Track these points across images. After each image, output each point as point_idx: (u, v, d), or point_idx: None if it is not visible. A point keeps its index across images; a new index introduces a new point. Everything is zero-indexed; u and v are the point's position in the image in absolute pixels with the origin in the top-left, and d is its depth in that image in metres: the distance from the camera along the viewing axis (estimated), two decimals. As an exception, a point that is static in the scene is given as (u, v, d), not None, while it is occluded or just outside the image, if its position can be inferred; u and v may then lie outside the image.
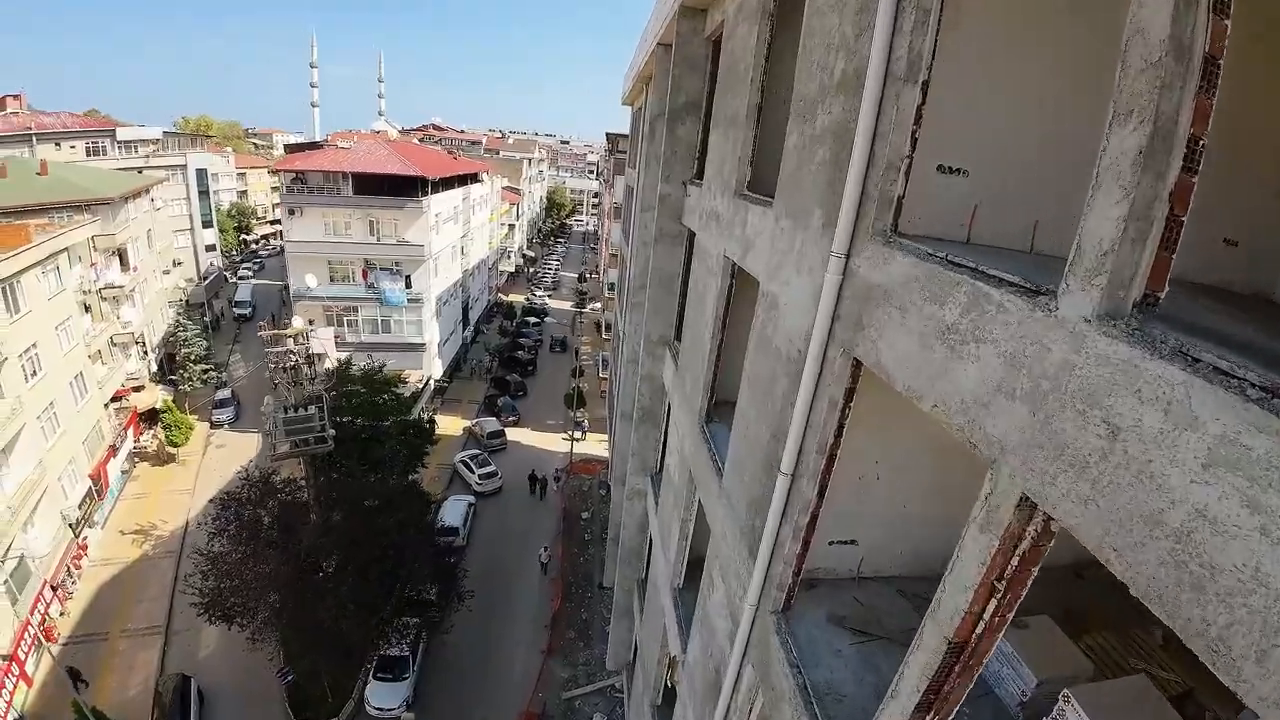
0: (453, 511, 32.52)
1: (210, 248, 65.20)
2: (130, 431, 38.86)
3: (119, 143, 55.25)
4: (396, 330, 39.10)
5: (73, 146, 52.85)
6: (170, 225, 60.31)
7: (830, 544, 6.33)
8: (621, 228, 31.43)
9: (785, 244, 6.16)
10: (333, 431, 23.83)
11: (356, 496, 23.38)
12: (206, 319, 59.03)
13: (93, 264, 36.35)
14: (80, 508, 30.98)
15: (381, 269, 38.39)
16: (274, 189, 78.11)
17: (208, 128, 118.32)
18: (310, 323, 26.97)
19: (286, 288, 48.18)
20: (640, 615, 16.99)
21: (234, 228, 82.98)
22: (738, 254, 8.21)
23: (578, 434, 41.71)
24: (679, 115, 13.25)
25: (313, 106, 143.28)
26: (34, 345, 27.47)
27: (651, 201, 15.50)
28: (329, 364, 39.06)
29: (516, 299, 78.16)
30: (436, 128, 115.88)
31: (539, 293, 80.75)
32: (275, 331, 24.66)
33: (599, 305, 75.01)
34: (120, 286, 38.80)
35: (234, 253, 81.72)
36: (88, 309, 36.71)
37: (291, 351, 24.37)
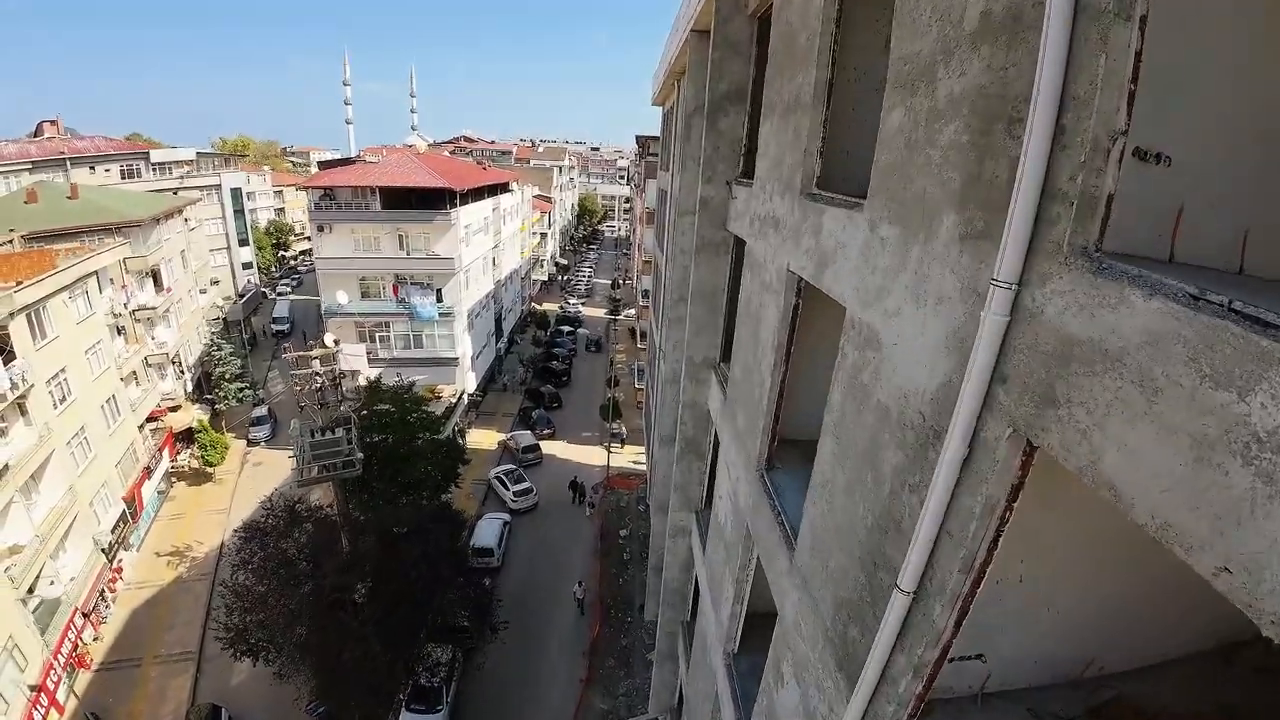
0: (487, 531, 31.38)
1: (247, 265, 65.82)
2: (166, 452, 38.83)
3: (153, 165, 56.06)
4: (429, 345, 38.25)
5: (107, 170, 53.67)
6: (207, 244, 61.09)
7: (950, 660, 4.67)
8: (655, 234, 29.91)
9: (890, 260, 4.51)
10: (361, 455, 22.88)
11: (386, 524, 22.31)
12: (244, 336, 59.63)
13: (124, 286, 36.31)
14: (114, 532, 30.67)
15: (412, 283, 37.62)
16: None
17: (245, 147, 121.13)
18: (336, 342, 26.02)
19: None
20: (686, 664, 15.36)
21: (272, 245, 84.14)
22: (809, 269, 6.57)
23: (615, 446, 40.27)
24: (720, 106, 11.64)
25: (347, 124, 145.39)
26: (63, 370, 27.16)
27: (689, 205, 13.91)
28: (361, 380, 38.76)
29: (550, 308, 77.36)
30: (468, 139, 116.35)
31: (572, 301, 79.80)
32: (301, 354, 23.84)
33: (633, 311, 73.76)
34: (153, 308, 38.82)
35: (272, 269, 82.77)
36: (120, 331, 36.73)
37: (317, 374, 23.53)
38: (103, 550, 29.55)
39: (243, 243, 65.13)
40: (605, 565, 31.86)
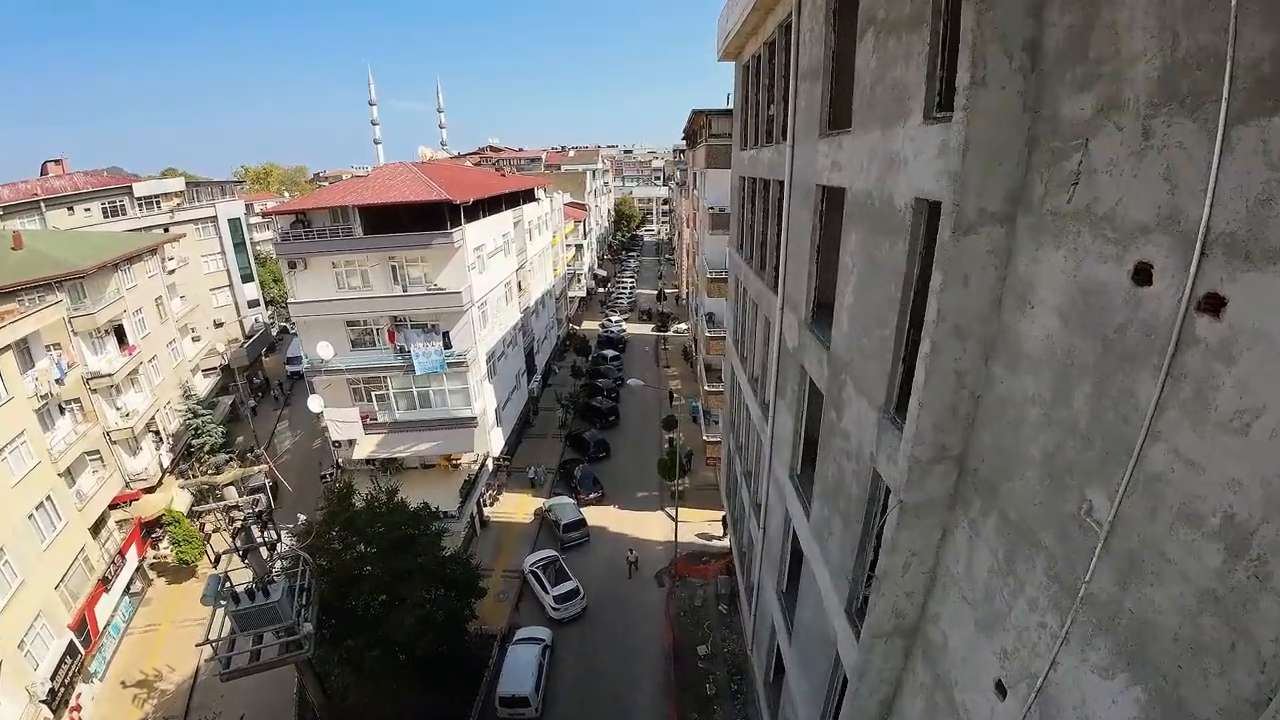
0: (520, 668, 22.77)
1: (254, 304, 59.37)
2: (134, 549, 31.66)
3: (138, 200, 49.73)
4: (439, 403, 30.09)
5: (88, 210, 47.66)
6: (206, 284, 54.96)
7: None
8: (731, 241, 21.02)
9: None
10: (310, 627, 14.92)
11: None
12: (251, 384, 52.95)
13: (57, 354, 29.17)
14: (56, 676, 23.46)
15: (412, 326, 29.54)
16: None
17: (268, 175, 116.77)
18: (256, 457, 18.12)
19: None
20: None
21: (287, 277, 77.93)
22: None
23: (675, 510, 31.30)
24: None
25: (375, 144, 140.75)
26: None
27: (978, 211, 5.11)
28: (359, 453, 30.85)
29: (591, 327, 69.08)
30: (494, 149, 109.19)
31: (614, 318, 71.31)
32: (204, 479, 15.99)
33: (684, 327, 64.80)
34: (108, 375, 31.74)
35: (287, 305, 76.54)
36: (66, 409, 29.69)
37: (234, 506, 15.56)
38: (44, 701, 22.45)
39: (246, 278, 58.72)
40: (682, 706, 23.03)
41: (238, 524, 15.02)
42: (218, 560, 20.80)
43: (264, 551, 15.11)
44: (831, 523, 9.83)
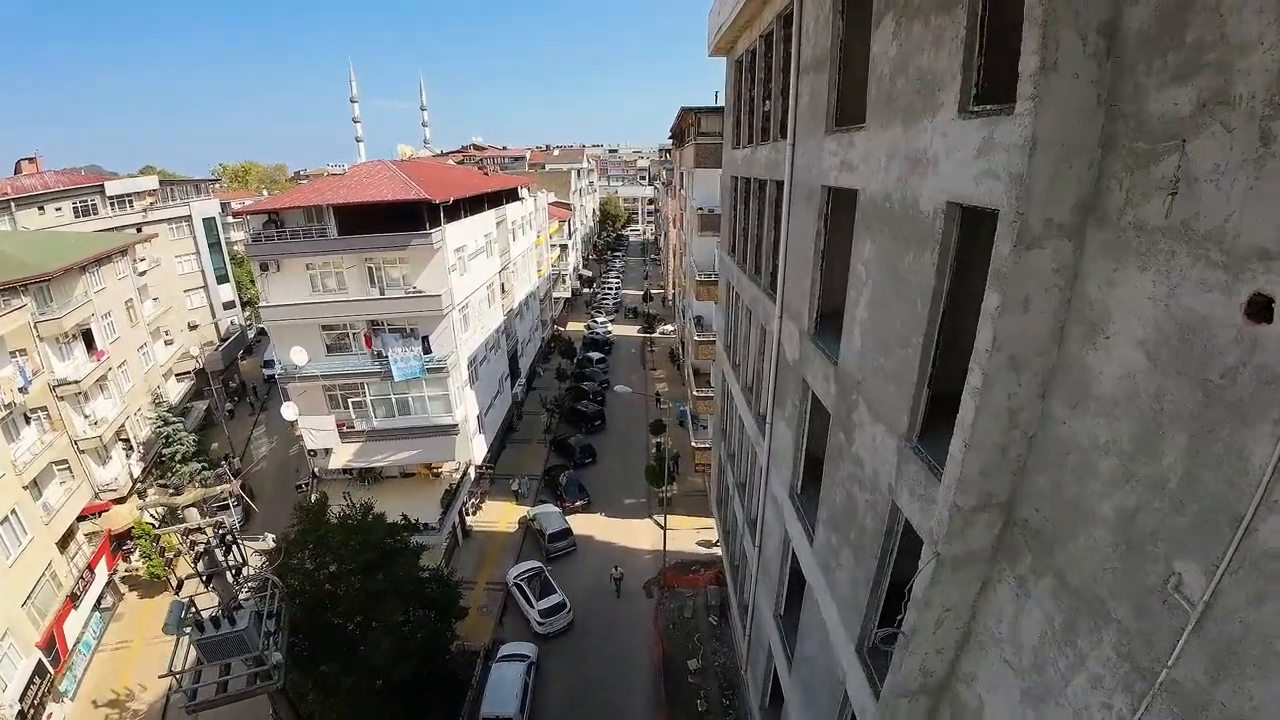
0: (504, 687, 21.82)
1: (229, 305, 57.69)
2: (104, 562, 30.35)
3: (109, 199, 48.06)
4: (419, 410, 29.03)
5: (59, 209, 45.95)
6: (180, 285, 53.36)
7: None
8: (723, 243, 20.26)
9: None
10: (279, 656, 13.98)
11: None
12: (227, 388, 51.45)
13: (21, 360, 27.83)
14: (25, 698, 22.38)
15: (390, 331, 28.47)
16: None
17: (246, 173, 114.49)
18: (228, 465, 17.08)
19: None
20: None
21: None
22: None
23: (664, 518, 30.46)
24: None
25: (357, 141, 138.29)
26: None
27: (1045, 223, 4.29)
28: (336, 462, 29.73)
29: (575, 328, 68.04)
30: (477, 147, 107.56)
31: (600, 319, 70.36)
32: (163, 500, 15.06)
33: (670, 328, 64.02)
34: (75, 382, 30.35)
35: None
36: (29, 418, 28.34)
37: (195, 529, 14.75)
38: (12, 729, 21.44)
39: (222, 279, 57.06)
40: (673, 722, 22.28)
41: (200, 548, 14.11)
42: (179, 586, 19.68)
43: (229, 576, 14.19)
44: (840, 554, 9.08)
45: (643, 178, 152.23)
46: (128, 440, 35.97)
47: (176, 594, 18.96)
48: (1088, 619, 4.48)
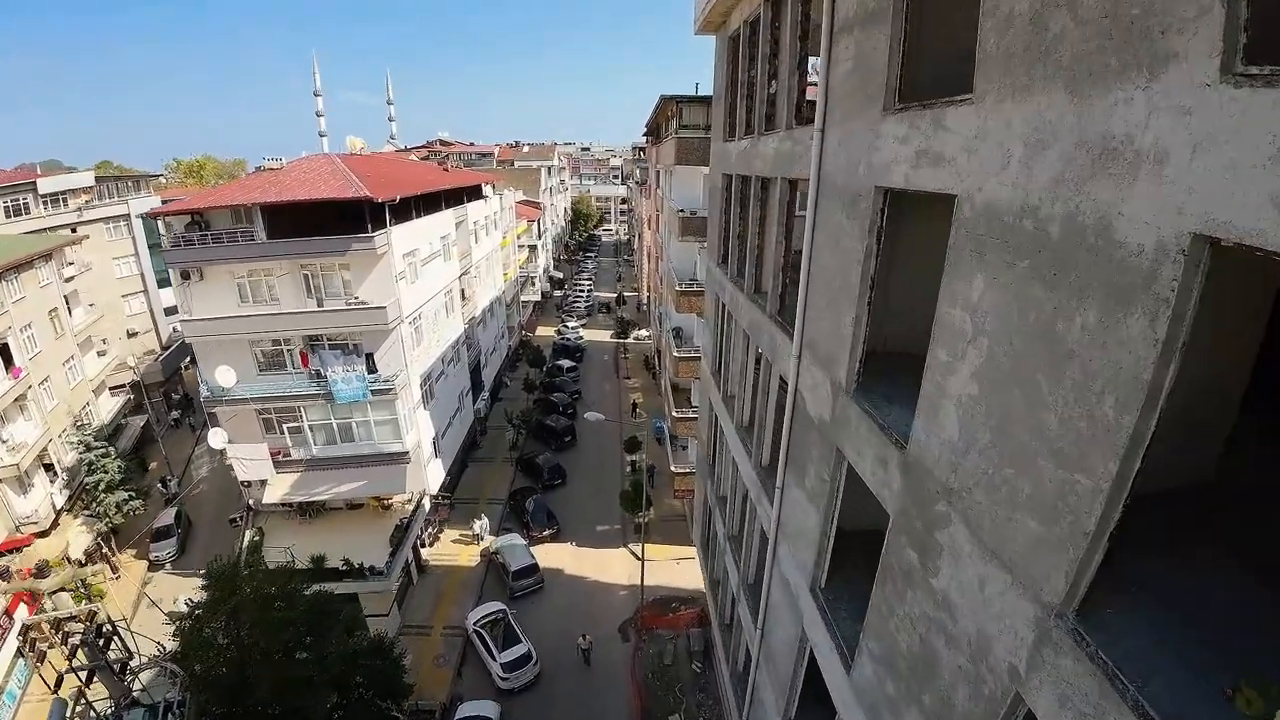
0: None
1: (171, 310, 53.26)
2: (25, 604, 26.42)
3: (42, 197, 43.70)
4: (363, 436, 25.75)
5: (-10, 209, 41.47)
6: (117, 289, 49.12)
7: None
8: (711, 252, 17.48)
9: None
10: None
11: None
12: (169, 400, 47.33)
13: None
14: None
15: (331, 347, 25.16)
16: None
17: (201, 168, 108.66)
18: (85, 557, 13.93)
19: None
20: None
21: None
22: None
23: (641, 548, 27.56)
24: None
25: (320, 136, 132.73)
26: None
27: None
28: (272, 496, 26.29)
29: (545, 333, 64.82)
30: (443, 143, 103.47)
31: (571, 323, 67.24)
32: (18, 585, 12.38)
33: (644, 333, 61.18)
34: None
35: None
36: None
37: (73, 619, 12.05)
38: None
39: (163, 283, 52.57)
40: (654, 799, 19.49)
41: (74, 640, 11.07)
42: (58, 683, 16.45)
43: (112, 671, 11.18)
44: (903, 713, 6.35)
45: (616, 177, 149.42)
46: (50, 466, 32.06)
47: (54, 692, 15.60)
48: None
